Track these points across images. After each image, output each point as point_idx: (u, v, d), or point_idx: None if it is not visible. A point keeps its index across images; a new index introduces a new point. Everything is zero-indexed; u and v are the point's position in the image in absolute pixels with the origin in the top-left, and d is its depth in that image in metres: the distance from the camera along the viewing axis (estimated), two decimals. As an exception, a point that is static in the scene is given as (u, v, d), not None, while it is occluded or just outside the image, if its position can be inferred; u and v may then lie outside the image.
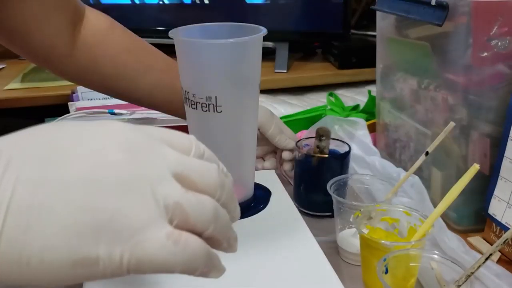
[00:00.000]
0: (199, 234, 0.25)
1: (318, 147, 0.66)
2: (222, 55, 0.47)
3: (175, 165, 0.25)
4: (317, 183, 0.65)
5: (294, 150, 0.68)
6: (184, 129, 0.80)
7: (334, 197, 0.59)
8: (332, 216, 0.61)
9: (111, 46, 0.65)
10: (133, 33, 0.68)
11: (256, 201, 0.54)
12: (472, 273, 0.42)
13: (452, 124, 0.57)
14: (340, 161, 0.66)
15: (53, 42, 0.61)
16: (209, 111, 0.48)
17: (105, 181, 0.23)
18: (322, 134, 0.65)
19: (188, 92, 0.49)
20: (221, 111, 0.48)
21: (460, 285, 0.43)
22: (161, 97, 0.68)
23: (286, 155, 0.70)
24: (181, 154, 0.26)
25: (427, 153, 0.59)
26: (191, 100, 0.49)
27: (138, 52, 0.67)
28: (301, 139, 0.69)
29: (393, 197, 0.60)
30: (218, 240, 0.26)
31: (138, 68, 0.66)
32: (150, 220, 0.23)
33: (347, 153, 0.66)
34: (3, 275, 0.22)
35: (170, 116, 0.71)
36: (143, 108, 0.85)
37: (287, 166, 0.71)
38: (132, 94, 0.67)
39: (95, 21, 0.65)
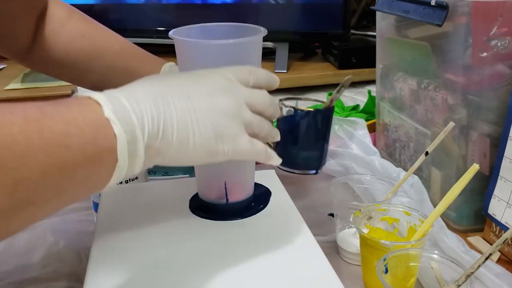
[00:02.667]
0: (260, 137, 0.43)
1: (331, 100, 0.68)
2: (222, 55, 0.47)
3: (246, 98, 0.42)
4: (307, 138, 0.66)
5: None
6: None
7: (334, 196, 0.59)
8: (316, 173, 0.69)
9: (65, 33, 0.65)
10: (115, 28, 0.68)
11: (256, 201, 0.54)
12: (472, 272, 0.42)
13: (451, 124, 0.57)
14: (327, 114, 0.68)
15: (16, 34, 0.62)
16: (209, 111, 0.48)
17: (220, 111, 0.40)
18: (343, 85, 0.66)
19: (188, 92, 0.49)
20: (221, 111, 0.48)
21: (460, 285, 0.43)
22: (116, 81, 0.67)
23: None
24: (247, 88, 0.43)
25: (426, 153, 0.59)
26: (191, 100, 0.49)
27: (91, 37, 0.66)
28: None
29: (393, 197, 0.60)
30: (268, 137, 0.45)
31: (91, 53, 0.66)
32: (241, 132, 0.41)
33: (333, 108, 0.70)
34: (171, 155, 0.38)
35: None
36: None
37: None
38: (86, 78, 0.67)
39: (53, 10, 0.65)
